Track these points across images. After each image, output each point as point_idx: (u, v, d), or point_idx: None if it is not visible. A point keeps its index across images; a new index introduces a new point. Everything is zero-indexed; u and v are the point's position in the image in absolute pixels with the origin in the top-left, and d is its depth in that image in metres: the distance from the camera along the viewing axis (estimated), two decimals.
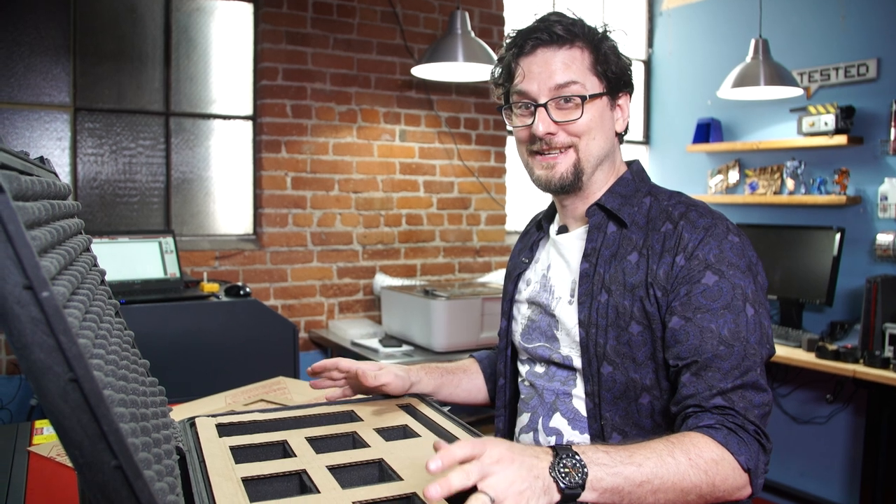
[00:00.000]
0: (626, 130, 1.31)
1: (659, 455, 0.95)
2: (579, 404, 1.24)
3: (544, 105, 1.20)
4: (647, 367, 1.16)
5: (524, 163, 1.30)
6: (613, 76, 1.23)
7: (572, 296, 1.25)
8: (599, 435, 1.20)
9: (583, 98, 1.19)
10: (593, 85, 1.22)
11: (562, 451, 0.88)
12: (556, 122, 1.21)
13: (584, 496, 0.87)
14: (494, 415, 1.45)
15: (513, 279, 1.42)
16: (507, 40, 1.27)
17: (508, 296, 1.43)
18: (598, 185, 1.28)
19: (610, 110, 1.25)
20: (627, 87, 1.27)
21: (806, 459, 3.72)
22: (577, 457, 0.88)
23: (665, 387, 1.16)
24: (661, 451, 0.96)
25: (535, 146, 1.25)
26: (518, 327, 1.38)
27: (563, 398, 1.26)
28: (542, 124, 1.21)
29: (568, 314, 1.25)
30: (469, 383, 1.50)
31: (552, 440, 1.25)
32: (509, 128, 1.34)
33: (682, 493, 0.95)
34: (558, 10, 1.27)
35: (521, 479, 0.83)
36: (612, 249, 1.21)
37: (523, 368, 1.37)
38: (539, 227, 1.43)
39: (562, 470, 0.87)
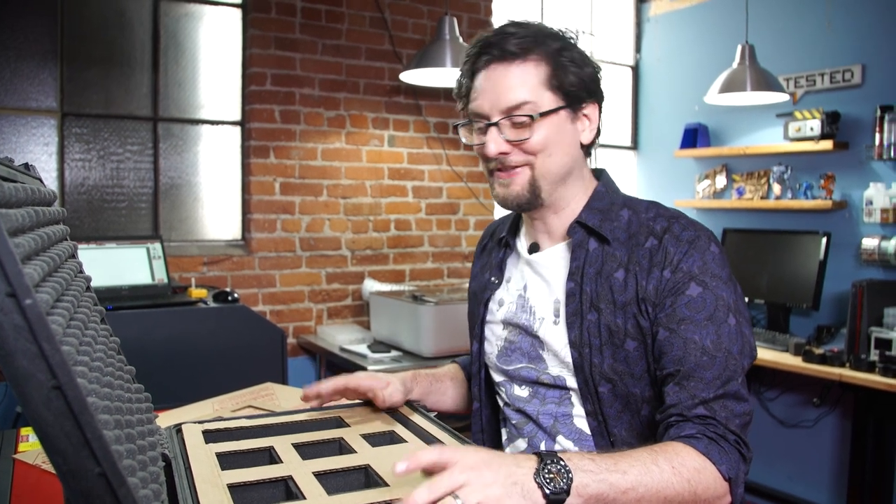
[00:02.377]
0: (595, 140, 1.26)
1: (643, 463, 0.95)
2: (581, 423, 1.22)
3: (496, 124, 1.18)
4: (645, 380, 1.16)
5: (487, 179, 1.27)
6: (573, 88, 1.18)
7: (557, 316, 1.23)
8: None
9: (531, 117, 1.16)
10: (548, 101, 1.17)
11: (546, 458, 0.88)
12: (508, 142, 1.18)
13: (569, 502, 0.88)
14: (472, 440, 1.43)
15: (482, 301, 1.38)
16: (468, 51, 1.24)
17: (479, 318, 1.38)
18: (569, 200, 1.25)
19: (570, 123, 1.20)
20: (594, 96, 1.22)
21: (793, 463, 3.74)
22: (561, 462, 0.88)
23: (661, 400, 1.16)
24: (646, 459, 0.96)
25: (491, 165, 1.23)
26: (493, 349, 1.34)
27: (562, 420, 1.24)
28: (493, 144, 1.18)
29: (555, 335, 1.23)
30: (455, 391, 1.49)
31: None
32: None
33: (665, 501, 0.95)
34: (516, 20, 1.22)
35: (498, 484, 0.83)
36: (595, 267, 1.20)
37: (502, 391, 1.34)
38: (502, 244, 1.39)
39: (546, 476, 0.87)
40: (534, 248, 1.31)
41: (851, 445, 3.25)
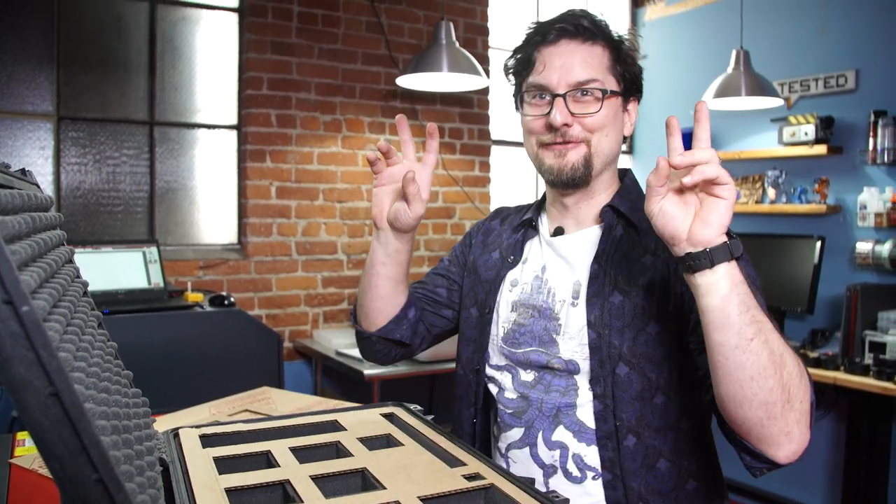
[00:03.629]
0: (630, 136, 1.33)
1: (772, 322, 0.98)
2: (584, 414, 1.20)
3: (563, 96, 1.20)
4: (664, 367, 1.15)
5: (532, 155, 1.28)
6: (628, 79, 1.25)
7: (576, 298, 1.22)
8: (612, 437, 1.16)
9: (603, 92, 1.20)
10: (611, 84, 1.23)
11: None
12: (573, 115, 1.20)
13: (724, 280, 0.94)
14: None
15: (494, 281, 1.35)
16: (529, 30, 1.27)
17: (489, 305, 1.35)
18: (602, 187, 1.28)
19: (622, 111, 1.26)
20: (638, 93, 1.29)
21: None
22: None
23: (677, 388, 1.16)
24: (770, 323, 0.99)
25: (546, 138, 1.24)
26: (499, 331, 1.32)
27: (565, 411, 1.21)
28: (559, 114, 1.19)
29: (573, 316, 1.21)
30: (401, 293, 1.42)
31: (556, 454, 1.21)
32: (495, 137, 1.34)
33: (781, 362, 0.96)
34: (584, 9, 1.29)
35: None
36: (622, 251, 1.22)
37: (505, 378, 1.30)
38: (523, 225, 1.38)
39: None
40: (558, 231, 1.32)
41: (846, 448, 3.26)
